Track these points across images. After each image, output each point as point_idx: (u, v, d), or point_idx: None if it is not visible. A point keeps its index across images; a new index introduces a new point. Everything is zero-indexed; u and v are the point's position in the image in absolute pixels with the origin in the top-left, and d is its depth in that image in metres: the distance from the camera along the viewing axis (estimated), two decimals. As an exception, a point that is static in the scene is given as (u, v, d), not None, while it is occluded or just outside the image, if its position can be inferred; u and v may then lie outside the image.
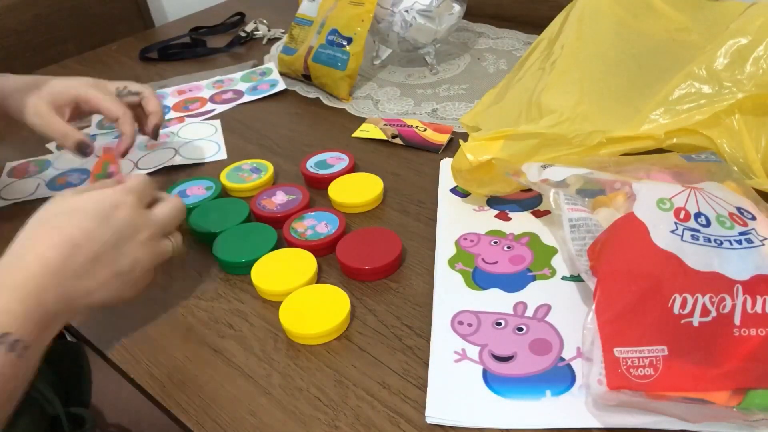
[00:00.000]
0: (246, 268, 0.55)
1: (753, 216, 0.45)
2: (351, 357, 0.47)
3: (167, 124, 0.83)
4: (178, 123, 0.83)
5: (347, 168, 0.67)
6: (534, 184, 0.52)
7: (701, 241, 0.42)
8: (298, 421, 0.43)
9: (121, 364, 0.50)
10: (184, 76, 0.97)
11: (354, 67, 0.82)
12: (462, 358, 0.45)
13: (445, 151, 0.71)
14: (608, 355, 0.39)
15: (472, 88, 0.84)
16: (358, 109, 0.82)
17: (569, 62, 0.62)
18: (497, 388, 0.43)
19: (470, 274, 0.52)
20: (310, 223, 0.59)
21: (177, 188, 0.67)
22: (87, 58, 1.09)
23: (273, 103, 0.87)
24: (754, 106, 0.54)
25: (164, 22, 1.35)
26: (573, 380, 0.43)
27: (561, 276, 0.51)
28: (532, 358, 0.44)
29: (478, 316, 0.48)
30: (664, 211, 0.44)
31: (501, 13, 1.02)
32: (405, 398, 0.44)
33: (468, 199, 0.61)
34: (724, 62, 0.54)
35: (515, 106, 0.63)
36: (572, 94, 0.58)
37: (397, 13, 0.82)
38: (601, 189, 0.49)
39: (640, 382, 0.38)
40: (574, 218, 0.48)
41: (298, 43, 0.89)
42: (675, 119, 0.54)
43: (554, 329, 0.46)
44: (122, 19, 1.30)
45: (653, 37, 0.64)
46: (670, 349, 0.39)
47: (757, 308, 0.40)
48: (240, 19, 1.15)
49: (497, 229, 0.57)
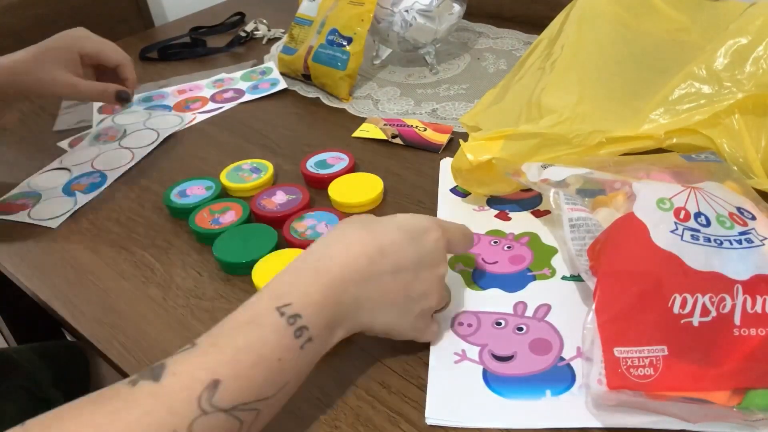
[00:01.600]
0: (247, 269, 0.55)
1: (753, 216, 0.45)
2: (351, 357, 0.47)
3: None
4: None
5: (347, 168, 0.67)
6: (534, 184, 0.52)
7: (701, 241, 0.42)
8: (298, 421, 0.43)
9: (121, 364, 0.50)
10: (184, 75, 0.97)
11: (354, 67, 0.82)
12: (462, 358, 0.45)
13: (445, 151, 0.71)
14: (608, 355, 0.39)
15: (472, 88, 0.84)
16: (358, 109, 0.82)
17: (569, 62, 0.62)
18: (497, 388, 0.43)
19: (470, 274, 0.52)
20: (310, 223, 0.59)
21: (177, 188, 0.67)
22: (87, 58, 1.09)
23: (273, 103, 0.87)
24: (754, 106, 0.54)
25: (164, 22, 1.35)
26: (573, 380, 0.43)
27: (561, 276, 0.51)
28: (532, 358, 0.44)
29: (478, 316, 0.48)
30: (664, 211, 0.44)
31: (501, 13, 1.02)
32: (405, 398, 0.44)
33: (468, 199, 0.61)
34: (724, 62, 0.54)
35: (515, 106, 0.63)
36: (572, 94, 0.59)
37: (397, 13, 0.82)
38: (601, 189, 0.49)
39: (640, 382, 0.38)
40: (574, 218, 0.48)
41: (298, 43, 0.89)
42: (675, 119, 0.54)
43: (554, 329, 0.46)
44: (122, 19, 1.30)
45: (653, 37, 0.64)
46: (670, 349, 0.39)
47: (757, 308, 0.40)
48: (240, 19, 1.15)
49: (497, 229, 0.57)
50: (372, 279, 0.41)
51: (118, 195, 0.71)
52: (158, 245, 0.62)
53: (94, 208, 0.69)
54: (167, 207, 0.66)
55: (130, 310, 0.54)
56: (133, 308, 0.55)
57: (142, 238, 0.63)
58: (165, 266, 0.59)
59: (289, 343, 0.37)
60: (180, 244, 0.62)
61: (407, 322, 0.44)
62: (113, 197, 0.70)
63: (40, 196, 0.71)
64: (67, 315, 0.55)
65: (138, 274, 0.59)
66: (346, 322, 0.41)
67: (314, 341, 0.38)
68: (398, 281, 0.42)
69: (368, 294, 0.41)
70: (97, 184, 0.72)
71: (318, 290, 0.39)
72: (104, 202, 0.70)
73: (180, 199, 0.66)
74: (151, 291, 0.56)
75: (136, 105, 0.89)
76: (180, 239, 0.62)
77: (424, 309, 0.44)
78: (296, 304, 0.38)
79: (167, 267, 0.59)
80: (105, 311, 0.55)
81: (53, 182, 0.74)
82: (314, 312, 0.38)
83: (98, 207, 0.69)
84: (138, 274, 0.59)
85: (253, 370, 0.35)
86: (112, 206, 0.69)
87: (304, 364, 0.38)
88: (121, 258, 0.61)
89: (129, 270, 0.59)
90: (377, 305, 0.41)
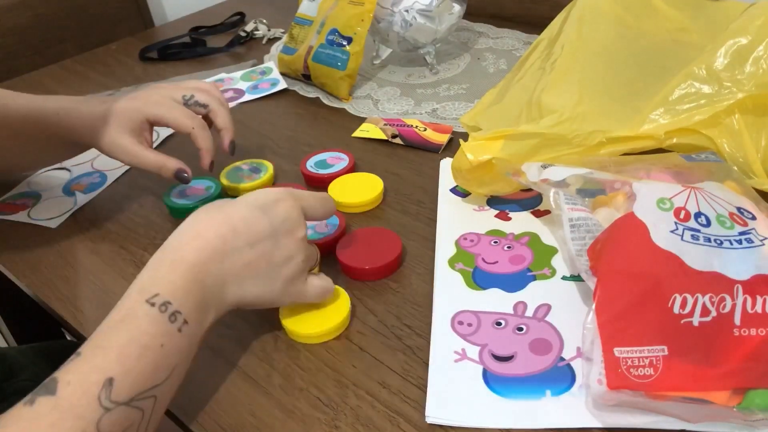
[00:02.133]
0: (246, 268, 0.55)
1: (753, 216, 0.45)
2: (351, 357, 0.47)
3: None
4: None
5: (347, 168, 0.67)
6: (534, 184, 0.52)
7: (701, 240, 0.42)
8: (298, 421, 0.43)
9: (121, 364, 0.49)
10: (184, 76, 0.97)
11: (354, 66, 0.82)
12: (462, 358, 0.45)
13: (445, 151, 0.71)
14: (608, 355, 0.39)
15: (472, 88, 0.84)
16: (358, 109, 0.82)
17: (569, 62, 0.62)
18: (497, 388, 0.43)
19: (470, 273, 0.52)
20: (310, 223, 0.59)
21: (177, 188, 0.67)
22: (87, 58, 1.09)
23: (273, 103, 0.87)
24: (754, 106, 0.54)
25: (164, 22, 1.35)
26: (573, 380, 0.43)
27: (561, 276, 0.51)
28: (532, 358, 0.44)
29: (478, 316, 0.48)
30: (664, 210, 0.44)
31: (501, 13, 1.02)
32: (405, 398, 0.44)
33: (468, 198, 0.61)
34: (724, 62, 0.54)
35: (515, 105, 0.63)
36: (572, 94, 0.58)
37: (397, 13, 0.82)
38: (601, 189, 0.49)
39: (640, 382, 0.38)
40: (574, 218, 0.48)
41: (297, 43, 0.89)
42: (675, 119, 0.54)
43: (554, 329, 0.46)
44: (122, 19, 1.30)
45: (653, 37, 0.64)
46: (670, 349, 0.39)
47: (757, 308, 0.40)
48: (240, 19, 1.15)
49: (497, 228, 0.57)
50: (230, 255, 0.43)
51: (118, 195, 0.71)
52: (158, 245, 0.60)
53: (94, 208, 0.69)
54: (167, 207, 0.66)
55: (130, 310, 0.54)
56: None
57: (142, 238, 0.63)
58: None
59: (166, 328, 0.39)
60: (180, 244, 0.62)
61: (278, 287, 0.46)
62: (113, 197, 0.70)
63: (39, 196, 0.71)
64: (67, 315, 0.55)
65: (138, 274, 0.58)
66: (216, 300, 0.43)
67: (190, 324, 0.41)
68: (257, 252, 0.44)
69: (230, 270, 0.43)
70: (97, 184, 0.72)
71: (180, 277, 0.41)
72: (104, 202, 0.70)
73: (180, 199, 0.66)
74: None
75: None
76: (180, 239, 0.62)
77: (293, 272, 0.46)
78: (163, 293, 0.40)
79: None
80: (105, 311, 0.54)
81: (53, 182, 0.74)
82: (182, 296, 0.40)
83: (98, 207, 0.69)
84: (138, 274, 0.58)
85: (141, 361, 0.37)
86: (112, 206, 0.69)
87: (186, 346, 0.41)
88: (121, 258, 0.61)
89: (129, 270, 0.59)
90: (242, 278, 0.44)
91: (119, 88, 0.95)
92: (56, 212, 0.68)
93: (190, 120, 0.60)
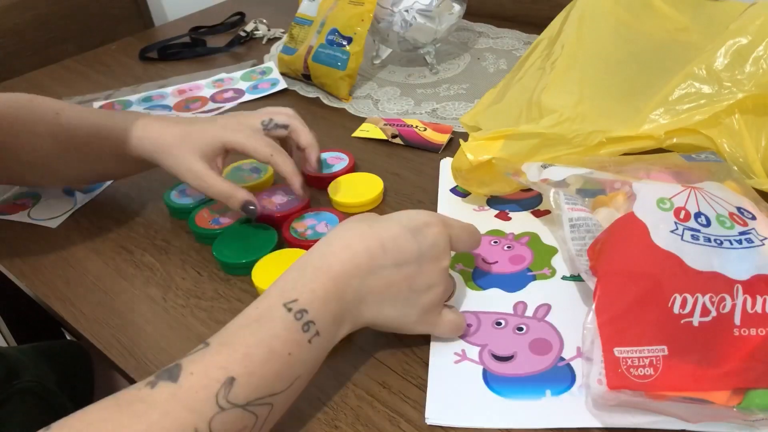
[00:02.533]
0: (247, 269, 0.55)
1: (753, 216, 0.45)
2: (351, 357, 0.47)
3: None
4: None
5: (347, 168, 0.67)
6: (534, 184, 0.52)
7: (701, 240, 0.42)
8: (299, 421, 0.43)
9: (121, 363, 0.49)
10: (184, 75, 0.97)
11: (354, 66, 0.82)
12: (462, 358, 0.45)
13: (445, 151, 0.71)
14: (608, 355, 0.39)
15: (472, 87, 0.84)
16: (358, 109, 0.82)
17: (569, 62, 0.62)
18: (497, 388, 0.43)
19: (470, 273, 0.52)
20: (310, 223, 0.59)
21: (177, 188, 0.67)
22: (87, 58, 1.09)
23: (273, 103, 0.86)
24: (754, 106, 0.54)
25: (164, 22, 1.35)
26: (573, 380, 0.43)
27: (561, 276, 0.51)
28: (532, 358, 0.44)
29: (478, 316, 0.48)
30: (664, 210, 0.44)
31: (501, 13, 1.02)
32: (405, 398, 0.44)
33: (468, 198, 0.61)
34: (724, 62, 0.54)
35: (515, 105, 0.63)
36: (572, 94, 0.58)
37: (397, 13, 0.82)
38: (601, 189, 0.49)
39: (640, 382, 0.38)
40: (574, 218, 0.48)
41: (297, 43, 0.89)
42: (675, 119, 0.54)
43: (554, 329, 0.46)
44: (122, 19, 1.30)
45: (653, 37, 0.64)
46: (670, 349, 0.39)
47: (757, 308, 0.40)
48: (240, 19, 1.15)
49: (497, 228, 0.57)
50: (374, 273, 0.42)
51: (118, 195, 0.71)
52: (158, 245, 0.62)
53: (94, 208, 0.69)
54: (167, 207, 0.66)
55: (130, 310, 0.54)
56: (133, 308, 0.55)
57: (142, 238, 0.63)
58: (165, 266, 0.59)
59: (297, 337, 0.38)
60: (180, 244, 0.62)
61: (414, 314, 0.44)
62: (113, 197, 0.70)
63: (39, 196, 0.71)
64: (67, 315, 0.55)
65: (138, 274, 0.59)
66: (351, 316, 0.42)
67: (321, 335, 0.39)
68: (401, 274, 0.42)
69: (371, 288, 0.42)
70: (97, 184, 0.72)
71: (321, 287, 0.40)
72: (104, 202, 0.70)
73: (180, 198, 0.66)
74: (151, 291, 0.56)
75: (135, 105, 0.89)
76: (180, 239, 0.62)
77: (431, 301, 0.44)
78: (302, 300, 0.39)
79: (167, 267, 0.59)
80: (105, 311, 0.55)
81: None
82: (319, 307, 0.39)
83: (98, 207, 0.69)
84: (138, 274, 0.59)
85: (265, 366, 0.37)
86: (112, 206, 0.69)
87: (313, 359, 0.40)
88: (121, 258, 0.61)
89: (129, 270, 0.59)
90: (381, 299, 0.42)
91: (119, 88, 0.95)
92: (56, 212, 0.68)
93: (269, 148, 0.59)
